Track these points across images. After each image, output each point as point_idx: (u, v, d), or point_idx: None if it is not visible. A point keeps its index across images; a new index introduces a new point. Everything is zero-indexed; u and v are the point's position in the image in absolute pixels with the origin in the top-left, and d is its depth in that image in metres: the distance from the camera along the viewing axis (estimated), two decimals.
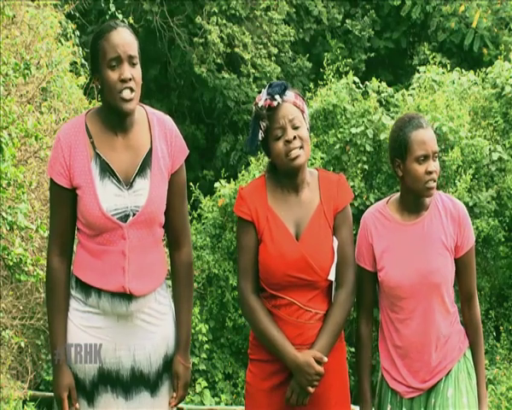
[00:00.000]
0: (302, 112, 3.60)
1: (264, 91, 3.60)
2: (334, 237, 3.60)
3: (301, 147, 3.54)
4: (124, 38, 3.34)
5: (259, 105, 3.57)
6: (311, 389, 3.52)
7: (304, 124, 3.59)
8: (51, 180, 3.42)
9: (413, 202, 3.66)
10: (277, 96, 3.55)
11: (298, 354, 3.50)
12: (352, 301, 3.62)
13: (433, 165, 3.58)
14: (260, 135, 3.59)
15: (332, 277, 3.57)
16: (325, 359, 3.51)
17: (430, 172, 3.57)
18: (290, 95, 3.59)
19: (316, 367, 3.49)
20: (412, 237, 3.64)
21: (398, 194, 3.74)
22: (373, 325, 3.79)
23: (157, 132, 3.45)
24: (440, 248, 3.62)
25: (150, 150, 3.42)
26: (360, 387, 3.76)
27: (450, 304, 3.67)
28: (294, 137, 3.53)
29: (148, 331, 3.46)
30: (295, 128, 3.55)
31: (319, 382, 3.53)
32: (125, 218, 3.36)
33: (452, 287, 3.70)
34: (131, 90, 3.34)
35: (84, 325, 3.43)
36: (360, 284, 3.72)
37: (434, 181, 3.59)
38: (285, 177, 3.61)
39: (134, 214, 3.37)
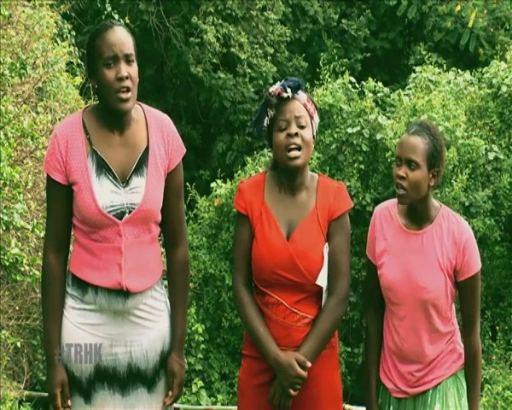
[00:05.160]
0: (311, 117, 3.59)
1: (279, 83, 3.61)
2: (327, 244, 3.57)
3: (301, 148, 3.52)
4: (120, 37, 3.35)
5: (270, 91, 3.57)
6: (293, 392, 3.47)
7: (310, 127, 3.57)
8: (48, 176, 3.42)
9: (421, 212, 3.62)
10: (289, 90, 3.55)
11: (280, 354, 3.47)
12: (343, 310, 3.57)
13: None
14: (266, 122, 3.59)
15: (320, 282, 3.53)
16: (308, 363, 3.46)
17: None
18: (302, 96, 3.60)
19: (297, 369, 3.44)
20: (410, 247, 3.61)
21: None
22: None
23: (154, 131, 3.47)
24: (434, 268, 3.57)
25: (147, 148, 3.43)
26: (366, 384, 3.73)
27: (443, 325, 3.61)
28: (296, 134, 3.52)
29: (145, 328, 3.46)
30: (300, 127, 3.54)
31: (301, 385, 3.48)
32: (120, 215, 3.37)
33: (449, 308, 3.63)
34: (128, 89, 3.35)
35: (81, 322, 3.43)
36: (367, 278, 3.74)
37: None
38: (284, 175, 3.60)
39: (130, 212, 3.37)
